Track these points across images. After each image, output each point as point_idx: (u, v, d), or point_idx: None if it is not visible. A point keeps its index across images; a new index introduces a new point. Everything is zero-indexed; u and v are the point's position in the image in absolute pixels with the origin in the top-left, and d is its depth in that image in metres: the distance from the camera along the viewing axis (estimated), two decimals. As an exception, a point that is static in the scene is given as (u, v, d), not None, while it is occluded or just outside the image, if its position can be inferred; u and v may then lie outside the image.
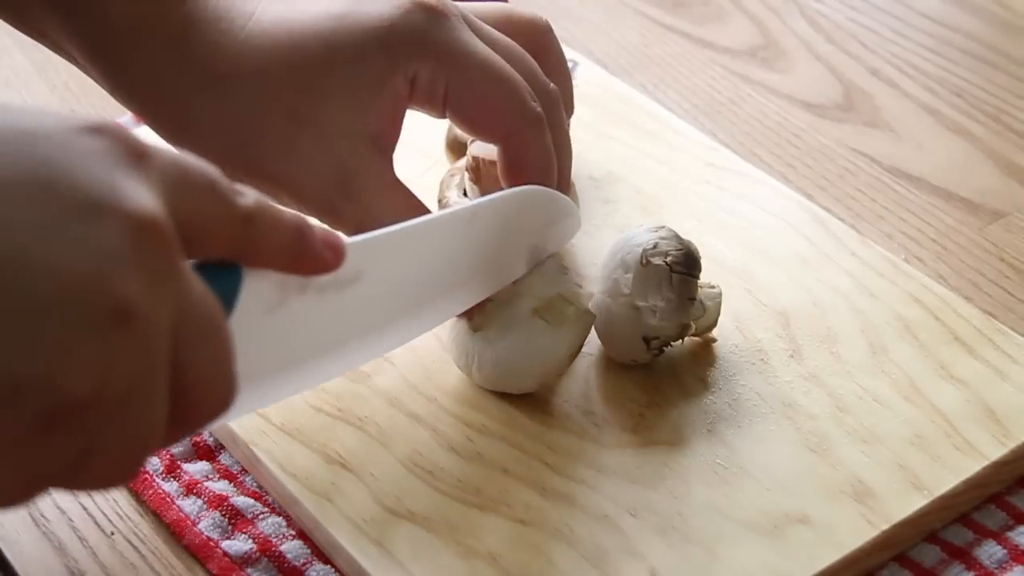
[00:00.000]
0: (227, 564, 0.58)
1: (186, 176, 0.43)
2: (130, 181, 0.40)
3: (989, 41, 0.89)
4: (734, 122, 0.83)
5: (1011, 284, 0.71)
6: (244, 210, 0.45)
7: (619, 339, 0.62)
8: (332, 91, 0.58)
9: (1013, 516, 0.60)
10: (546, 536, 0.57)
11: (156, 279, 0.40)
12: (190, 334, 0.41)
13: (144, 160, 0.42)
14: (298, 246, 0.48)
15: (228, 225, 0.45)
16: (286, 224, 0.47)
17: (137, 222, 0.39)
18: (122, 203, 0.39)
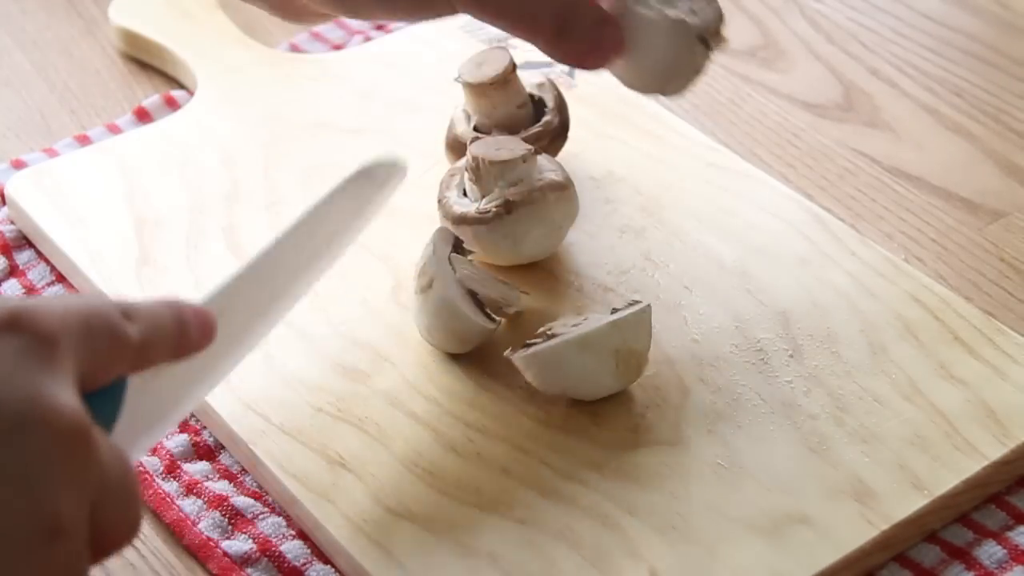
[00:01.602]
0: (227, 564, 0.58)
1: (89, 330, 0.45)
2: (48, 382, 0.41)
3: (989, 41, 0.89)
4: (734, 122, 0.83)
5: (1011, 284, 0.71)
6: (137, 338, 0.47)
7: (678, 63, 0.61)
8: None
9: (1013, 516, 0.60)
10: (546, 536, 0.57)
11: (80, 481, 0.41)
12: (108, 502, 0.43)
13: (57, 344, 0.43)
14: (180, 344, 0.50)
15: (126, 356, 0.47)
16: (169, 327, 0.49)
17: (61, 432, 0.41)
18: (46, 416, 0.41)
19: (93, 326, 0.45)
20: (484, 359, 0.64)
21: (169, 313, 0.49)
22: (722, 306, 0.67)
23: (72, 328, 0.44)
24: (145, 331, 0.47)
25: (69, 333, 0.44)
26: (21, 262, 0.73)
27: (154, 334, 0.48)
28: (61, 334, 0.43)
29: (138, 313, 0.48)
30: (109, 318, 0.46)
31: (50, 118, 0.83)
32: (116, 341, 0.46)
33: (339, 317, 0.67)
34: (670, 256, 0.70)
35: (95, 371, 0.45)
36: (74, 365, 0.44)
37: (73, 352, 0.44)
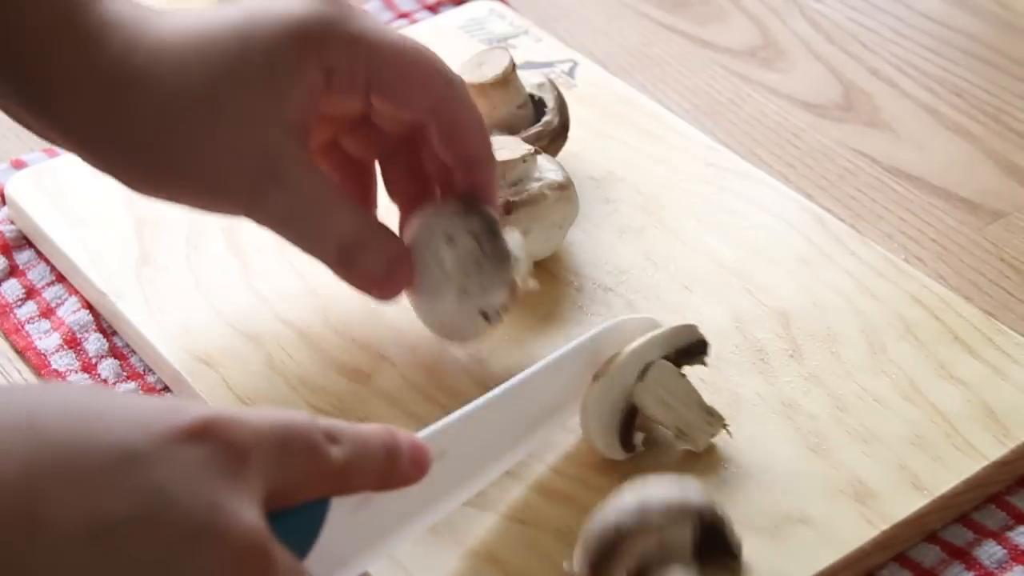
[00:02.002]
0: (227, 564, 0.57)
1: (286, 447, 0.44)
2: (232, 495, 0.41)
3: (989, 41, 0.89)
4: (734, 122, 0.83)
5: (1011, 284, 0.71)
6: (340, 462, 0.46)
7: (455, 326, 0.61)
8: (248, 77, 0.58)
9: (1013, 516, 0.60)
10: (546, 536, 0.57)
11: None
12: None
13: (247, 459, 0.42)
14: (388, 473, 0.49)
15: (327, 480, 0.46)
16: (378, 455, 0.48)
17: (237, 547, 0.40)
18: (224, 529, 0.40)
19: (291, 444, 0.45)
20: (485, 359, 0.64)
21: (380, 440, 0.48)
22: (722, 306, 0.67)
23: (266, 444, 0.44)
24: (349, 455, 0.47)
25: (262, 449, 0.43)
26: (21, 262, 0.73)
27: (360, 460, 0.47)
28: (254, 449, 0.43)
29: (343, 436, 0.47)
30: (310, 438, 0.45)
31: (50, 118, 0.83)
32: (315, 462, 0.45)
33: (339, 317, 0.67)
34: (670, 256, 0.70)
35: (289, 491, 0.45)
36: (263, 482, 0.43)
37: (263, 469, 0.43)
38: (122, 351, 0.68)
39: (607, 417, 0.59)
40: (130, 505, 0.39)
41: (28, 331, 0.69)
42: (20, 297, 0.71)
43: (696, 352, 0.61)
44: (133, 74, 0.57)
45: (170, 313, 0.67)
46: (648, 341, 0.60)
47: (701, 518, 0.51)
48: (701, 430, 0.59)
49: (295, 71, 0.58)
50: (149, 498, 0.39)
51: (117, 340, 0.68)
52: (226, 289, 0.69)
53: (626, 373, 0.59)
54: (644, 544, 0.51)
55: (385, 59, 0.59)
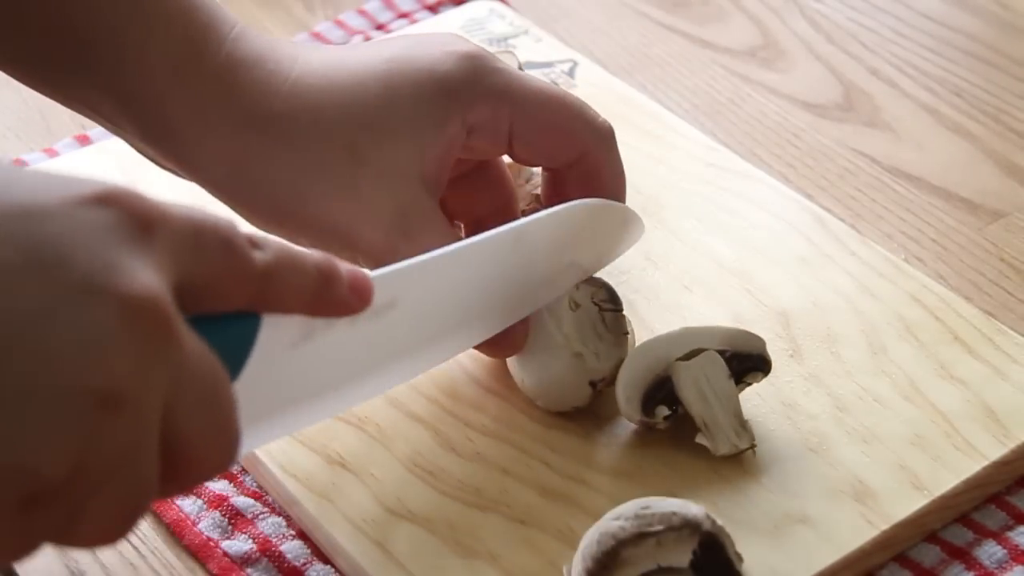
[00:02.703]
0: (227, 564, 0.58)
1: (199, 236, 0.43)
2: (130, 258, 0.40)
3: (989, 41, 0.89)
4: (734, 122, 0.83)
5: (1011, 284, 0.71)
6: (261, 265, 0.44)
7: (561, 387, 0.60)
8: (392, 129, 0.57)
9: (1013, 516, 0.60)
10: (546, 536, 0.57)
11: (148, 358, 0.39)
12: (185, 402, 0.41)
13: (152, 229, 0.41)
14: (322, 293, 0.47)
15: (244, 281, 0.44)
16: (308, 271, 0.46)
17: (131, 304, 0.39)
18: (117, 285, 0.39)
19: (203, 233, 0.43)
20: (485, 359, 0.64)
21: (313, 259, 0.46)
22: (722, 306, 0.67)
23: (176, 224, 0.42)
24: (273, 263, 0.44)
25: (171, 227, 0.41)
26: (21, 262, 0.73)
27: (285, 270, 0.45)
28: (160, 223, 0.41)
29: (268, 244, 0.45)
30: (227, 233, 0.43)
31: (50, 118, 0.83)
32: (231, 260, 0.43)
33: (339, 317, 0.67)
34: (670, 256, 0.70)
35: (202, 288, 0.43)
36: (171, 264, 0.41)
37: (171, 249, 0.41)
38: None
39: (639, 375, 0.59)
40: (22, 253, 0.38)
41: (28, 331, 0.68)
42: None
43: (753, 366, 0.60)
44: (270, 118, 0.57)
45: (170, 313, 0.67)
46: (708, 328, 0.60)
47: (701, 532, 0.51)
48: (726, 436, 0.59)
49: (438, 127, 0.57)
50: (43, 250, 0.38)
51: (117, 340, 0.68)
52: (226, 289, 0.68)
53: (672, 345, 0.59)
54: (642, 554, 0.51)
55: (530, 112, 0.58)
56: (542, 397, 0.61)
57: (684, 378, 0.59)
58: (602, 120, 0.61)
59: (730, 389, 0.59)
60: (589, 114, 0.60)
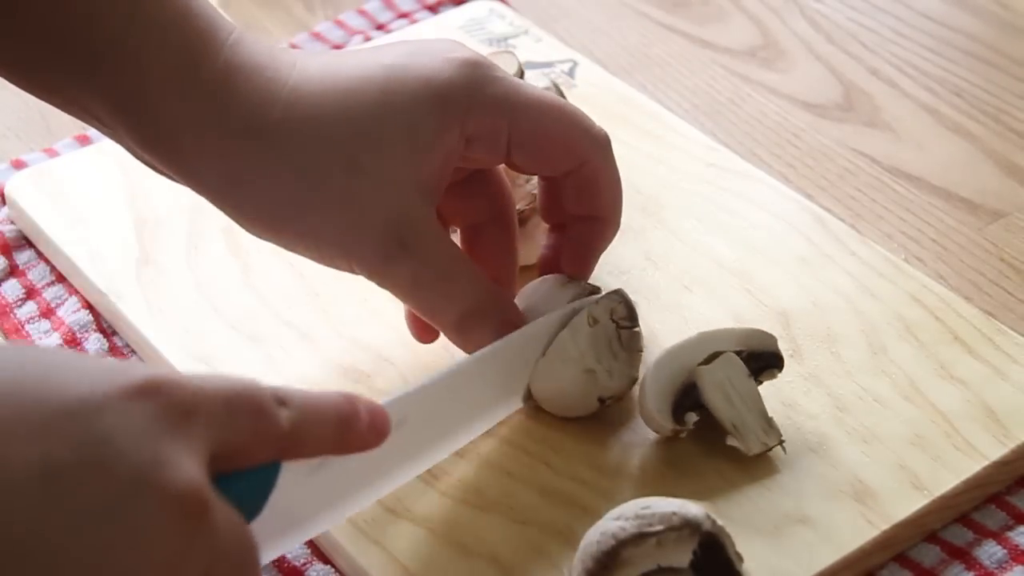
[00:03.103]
0: (227, 564, 0.57)
1: (231, 408, 0.45)
2: (173, 449, 0.42)
3: (989, 41, 0.89)
4: (734, 122, 0.83)
5: (1011, 284, 0.71)
6: (287, 425, 0.46)
7: (569, 400, 0.61)
8: (389, 139, 0.57)
9: (1013, 516, 0.60)
10: (546, 536, 0.57)
11: (189, 545, 0.42)
12: (220, 568, 0.43)
13: (190, 416, 0.43)
14: (343, 437, 0.49)
15: (272, 442, 0.46)
16: (330, 419, 0.48)
17: (176, 496, 0.41)
18: (163, 479, 0.41)
19: (237, 405, 0.45)
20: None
21: (333, 405, 0.48)
22: (722, 306, 0.67)
23: (212, 404, 0.44)
24: (298, 419, 0.47)
25: (207, 408, 0.44)
26: (21, 262, 0.73)
27: (310, 423, 0.47)
28: (199, 408, 0.44)
29: (293, 399, 0.47)
30: (256, 400, 0.46)
31: (50, 118, 0.83)
32: (261, 424, 0.46)
33: (340, 317, 0.67)
34: (670, 256, 0.70)
35: (236, 452, 0.45)
36: (207, 441, 0.44)
37: (208, 428, 0.44)
38: (122, 351, 0.68)
39: (666, 385, 0.59)
40: (78, 452, 0.40)
41: (28, 331, 0.69)
42: (20, 297, 0.71)
43: (768, 363, 0.61)
44: (267, 127, 0.57)
45: (170, 313, 0.67)
46: (723, 330, 0.60)
47: (701, 532, 0.51)
48: (756, 435, 0.59)
49: (436, 136, 0.57)
50: (97, 447, 0.41)
51: (117, 340, 0.68)
52: (226, 289, 0.69)
53: (693, 351, 0.59)
54: (642, 554, 0.51)
55: (528, 121, 0.58)
56: (548, 403, 0.61)
57: (708, 382, 0.59)
58: (599, 128, 0.61)
59: (752, 388, 0.59)
60: (586, 123, 0.60)
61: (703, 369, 0.59)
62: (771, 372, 0.61)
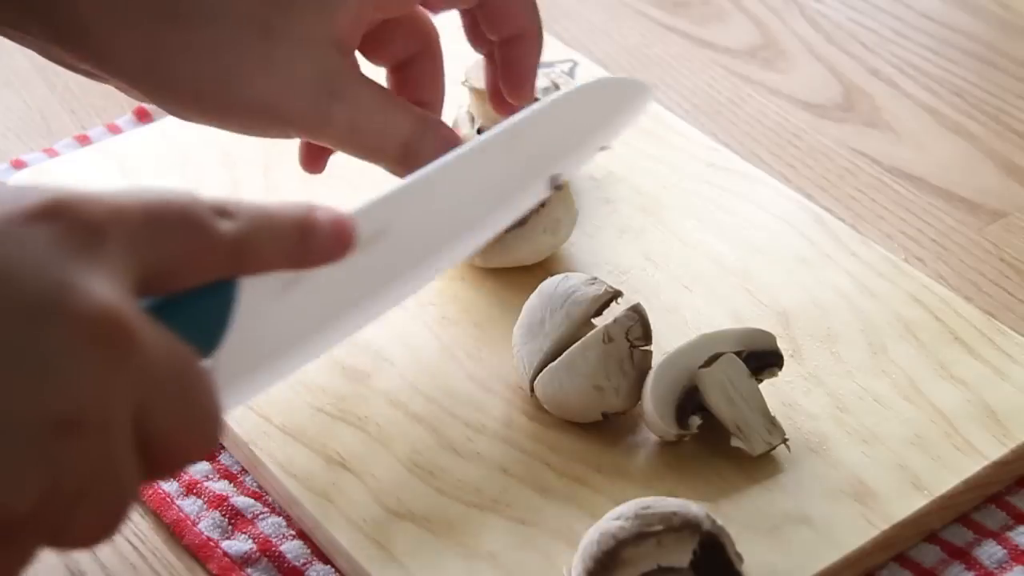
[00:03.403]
0: (227, 564, 0.58)
1: (156, 223, 0.42)
2: (82, 272, 0.39)
3: (989, 41, 0.89)
4: (734, 122, 0.83)
5: (1011, 284, 0.71)
6: (231, 235, 0.44)
7: (574, 410, 0.61)
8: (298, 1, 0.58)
9: (1013, 516, 0.60)
10: (546, 536, 0.57)
11: (109, 374, 0.39)
12: (157, 403, 0.40)
13: (101, 234, 0.40)
14: (301, 248, 0.47)
15: (213, 255, 0.44)
16: (285, 229, 0.46)
17: (87, 323, 0.38)
18: (69, 303, 0.38)
19: (162, 218, 0.42)
20: (485, 359, 0.65)
21: (289, 214, 0.46)
22: (722, 306, 0.67)
23: (129, 219, 0.41)
24: (245, 230, 0.44)
25: (124, 225, 0.41)
26: (21, 262, 0.73)
27: (260, 235, 0.45)
28: (112, 225, 0.41)
29: (239, 210, 0.44)
30: (186, 211, 0.43)
31: (50, 118, 0.83)
32: (195, 238, 0.43)
33: (339, 317, 0.67)
34: (670, 256, 0.70)
35: (170, 272, 0.42)
36: (129, 261, 0.41)
37: (127, 246, 0.41)
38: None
39: (668, 391, 0.59)
40: None
41: (28, 331, 0.68)
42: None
43: (769, 362, 0.61)
44: (179, 4, 0.57)
45: (170, 313, 0.67)
46: (722, 332, 0.60)
47: (701, 532, 0.51)
48: (760, 435, 0.59)
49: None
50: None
51: (117, 340, 0.68)
52: (226, 289, 0.69)
53: (693, 354, 0.59)
54: (642, 554, 0.51)
55: None
56: (551, 407, 0.61)
57: (709, 385, 0.59)
58: None
59: (754, 388, 0.59)
60: None
61: (704, 372, 0.59)
62: (771, 371, 0.61)
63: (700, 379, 0.59)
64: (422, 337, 0.66)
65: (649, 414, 0.59)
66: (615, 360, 0.59)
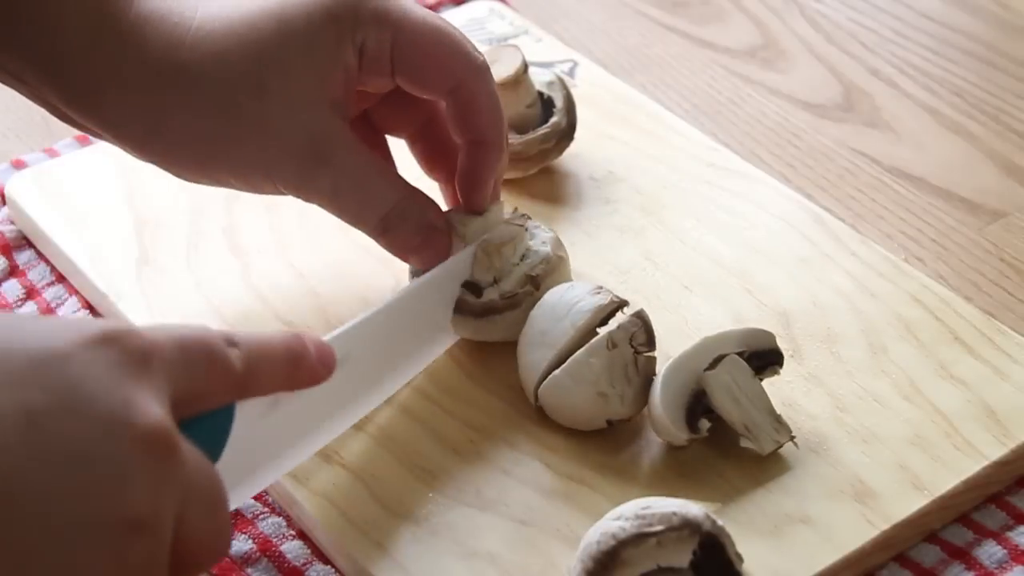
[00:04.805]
0: (227, 564, 0.57)
1: (186, 353, 0.47)
2: (138, 391, 0.44)
3: (989, 41, 0.89)
4: (734, 122, 0.83)
5: (1011, 284, 0.71)
6: (240, 366, 0.48)
7: (578, 417, 0.61)
8: (290, 61, 0.60)
9: (1013, 516, 0.60)
10: (546, 536, 0.57)
11: (162, 483, 0.43)
12: (192, 511, 0.45)
13: (149, 360, 0.45)
14: (294, 373, 0.51)
15: (227, 384, 0.49)
16: (280, 356, 0.51)
17: (145, 436, 0.43)
18: (134, 419, 0.43)
19: (190, 350, 0.47)
20: (484, 358, 0.64)
21: (282, 342, 0.51)
22: (722, 306, 0.67)
23: (166, 349, 0.46)
24: (250, 358, 0.49)
25: (163, 353, 0.46)
26: (21, 262, 0.73)
27: (261, 362, 0.49)
28: (155, 353, 0.45)
29: (241, 340, 0.49)
30: (208, 343, 0.48)
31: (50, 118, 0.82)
32: (215, 367, 0.48)
33: (339, 317, 0.67)
34: (670, 256, 0.70)
35: (193, 396, 0.47)
36: (166, 385, 0.45)
37: (165, 372, 0.46)
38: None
39: (677, 397, 0.59)
40: (53, 398, 0.42)
41: (28, 331, 0.69)
42: (20, 297, 0.71)
43: (770, 360, 0.61)
44: (179, 69, 0.59)
45: (170, 313, 0.67)
46: (723, 334, 0.60)
47: (701, 532, 0.51)
48: (768, 434, 0.59)
49: (334, 51, 0.60)
50: (69, 392, 0.42)
51: (117, 340, 0.68)
52: (226, 289, 0.69)
53: (696, 358, 0.59)
54: (642, 554, 0.51)
55: (408, 37, 0.61)
56: (555, 414, 0.61)
57: (715, 387, 0.59)
58: (479, 53, 0.63)
59: (758, 388, 0.59)
60: (466, 46, 0.62)
61: (709, 375, 0.59)
62: (773, 369, 0.61)
63: (706, 382, 0.59)
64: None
65: (660, 420, 0.59)
66: (619, 367, 0.59)
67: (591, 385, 0.59)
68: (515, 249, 0.64)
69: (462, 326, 0.64)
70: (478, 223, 0.64)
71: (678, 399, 0.59)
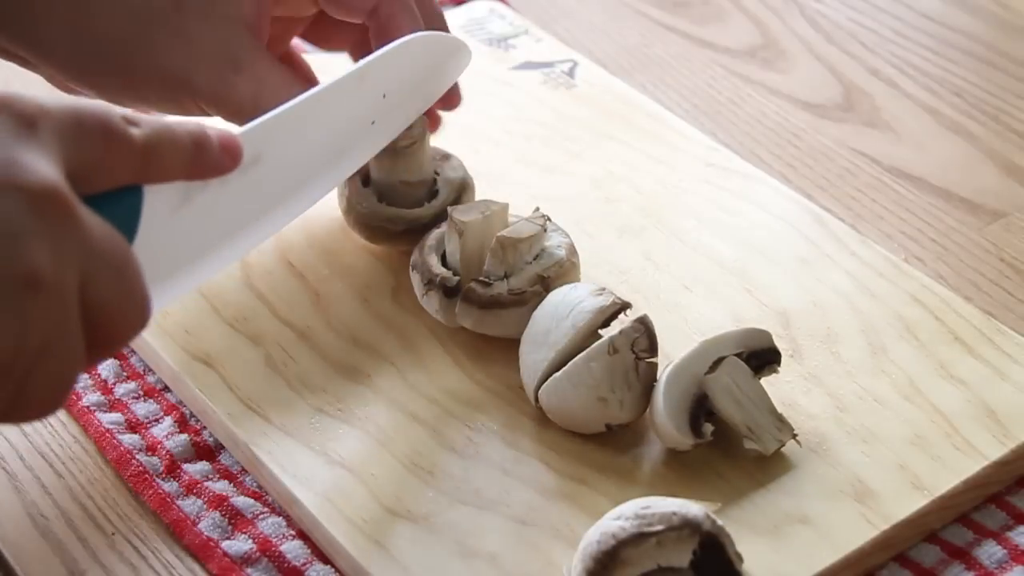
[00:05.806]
0: (227, 564, 0.58)
1: (80, 123, 0.47)
2: (25, 153, 0.44)
3: (989, 41, 0.89)
4: (734, 122, 0.83)
5: (1011, 284, 0.71)
6: (140, 141, 0.48)
7: (577, 421, 0.61)
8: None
9: (1013, 516, 0.60)
10: (546, 536, 0.57)
11: (59, 241, 0.43)
12: (98, 276, 0.45)
13: (37, 125, 0.45)
14: (197, 158, 0.51)
15: (126, 159, 0.48)
16: (183, 139, 0.51)
17: (35, 194, 0.43)
18: (19, 178, 0.43)
19: (84, 120, 0.47)
20: (485, 358, 0.65)
21: (184, 128, 0.50)
22: (722, 306, 0.67)
23: (56, 117, 0.46)
24: (150, 137, 0.49)
25: (53, 120, 0.46)
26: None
27: (162, 142, 0.49)
28: (42, 118, 0.45)
29: (143, 120, 0.49)
30: (104, 116, 0.47)
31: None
32: (112, 139, 0.47)
33: (340, 317, 0.67)
34: (670, 256, 0.70)
35: (90, 168, 0.47)
36: (58, 150, 0.45)
37: (57, 137, 0.45)
38: (122, 351, 0.68)
39: (680, 402, 0.59)
40: None
41: (28, 331, 0.69)
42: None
43: (768, 359, 0.61)
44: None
45: (170, 313, 0.67)
46: (721, 336, 0.60)
47: (701, 532, 0.51)
48: (771, 434, 0.59)
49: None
50: None
51: (117, 340, 0.68)
52: (226, 289, 0.69)
53: (696, 363, 0.59)
54: (642, 554, 0.51)
55: None
56: (554, 417, 0.61)
57: (716, 390, 0.59)
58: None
59: (758, 388, 0.60)
60: None
61: (710, 378, 0.59)
62: (771, 368, 0.61)
63: (707, 385, 0.59)
64: (422, 337, 0.66)
65: (664, 426, 0.59)
66: (620, 372, 0.59)
67: (591, 389, 0.59)
68: (531, 247, 0.64)
69: (465, 315, 0.63)
70: (478, 223, 0.64)
71: (680, 405, 0.59)
